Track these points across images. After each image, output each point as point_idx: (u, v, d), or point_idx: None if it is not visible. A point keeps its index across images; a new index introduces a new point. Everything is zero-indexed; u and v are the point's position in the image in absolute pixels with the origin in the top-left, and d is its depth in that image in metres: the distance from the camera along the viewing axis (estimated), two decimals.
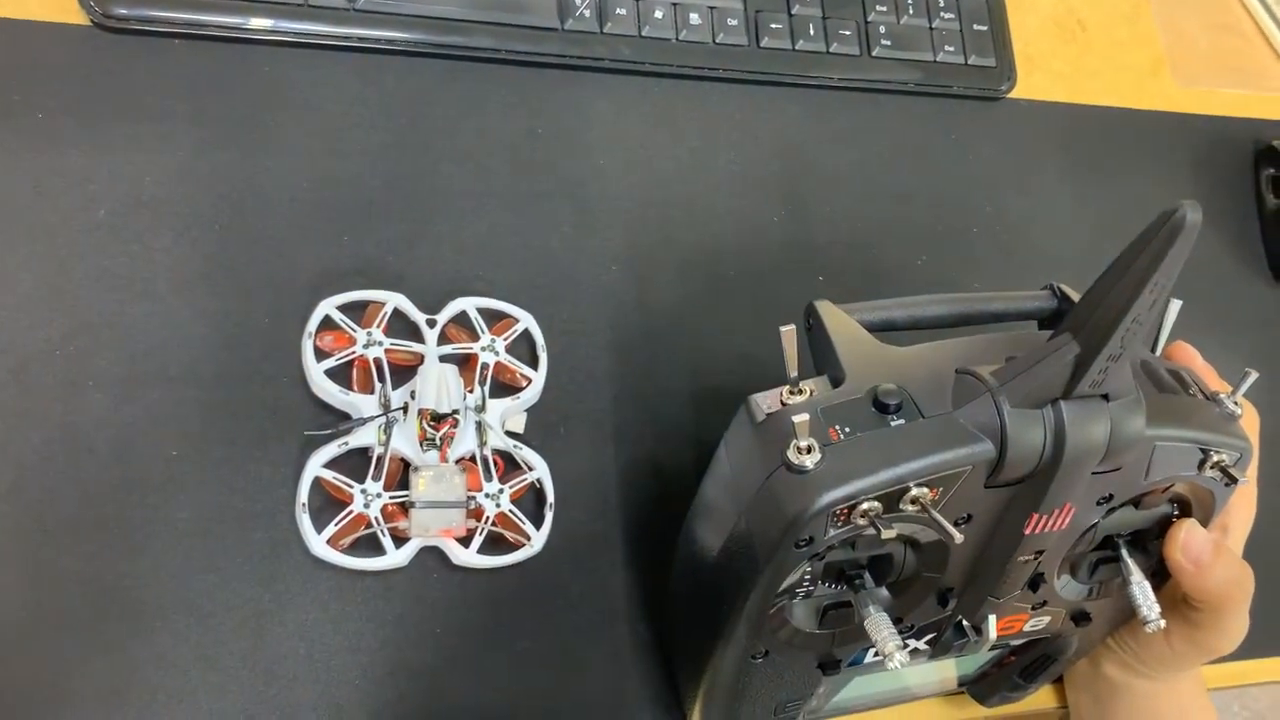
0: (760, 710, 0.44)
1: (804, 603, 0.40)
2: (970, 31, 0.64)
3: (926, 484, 0.35)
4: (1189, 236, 0.31)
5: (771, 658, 0.40)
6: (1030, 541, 0.38)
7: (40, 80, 0.49)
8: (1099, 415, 0.35)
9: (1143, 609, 0.41)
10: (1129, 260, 0.32)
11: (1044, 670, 0.48)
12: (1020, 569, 0.40)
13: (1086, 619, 0.45)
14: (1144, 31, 0.71)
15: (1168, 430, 0.38)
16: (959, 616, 0.42)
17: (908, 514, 0.35)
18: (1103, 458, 0.36)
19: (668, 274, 0.55)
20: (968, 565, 0.39)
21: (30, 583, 0.43)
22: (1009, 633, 0.44)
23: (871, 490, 0.34)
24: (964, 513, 0.37)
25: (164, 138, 0.50)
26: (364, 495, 0.46)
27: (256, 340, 0.48)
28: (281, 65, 0.53)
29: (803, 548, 0.35)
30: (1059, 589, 0.43)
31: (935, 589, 0.40)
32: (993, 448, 0.35)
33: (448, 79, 0.55)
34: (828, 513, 0.34)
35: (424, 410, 0.46)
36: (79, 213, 0.48)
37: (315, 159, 0.52)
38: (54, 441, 0.45)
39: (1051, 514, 0.37)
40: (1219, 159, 0.69)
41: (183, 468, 0.46)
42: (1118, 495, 0.39)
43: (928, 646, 0.43)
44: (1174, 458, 0.39)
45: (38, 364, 0.46)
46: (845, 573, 0.39)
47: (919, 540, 0.38)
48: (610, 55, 0.57)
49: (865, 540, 0.37)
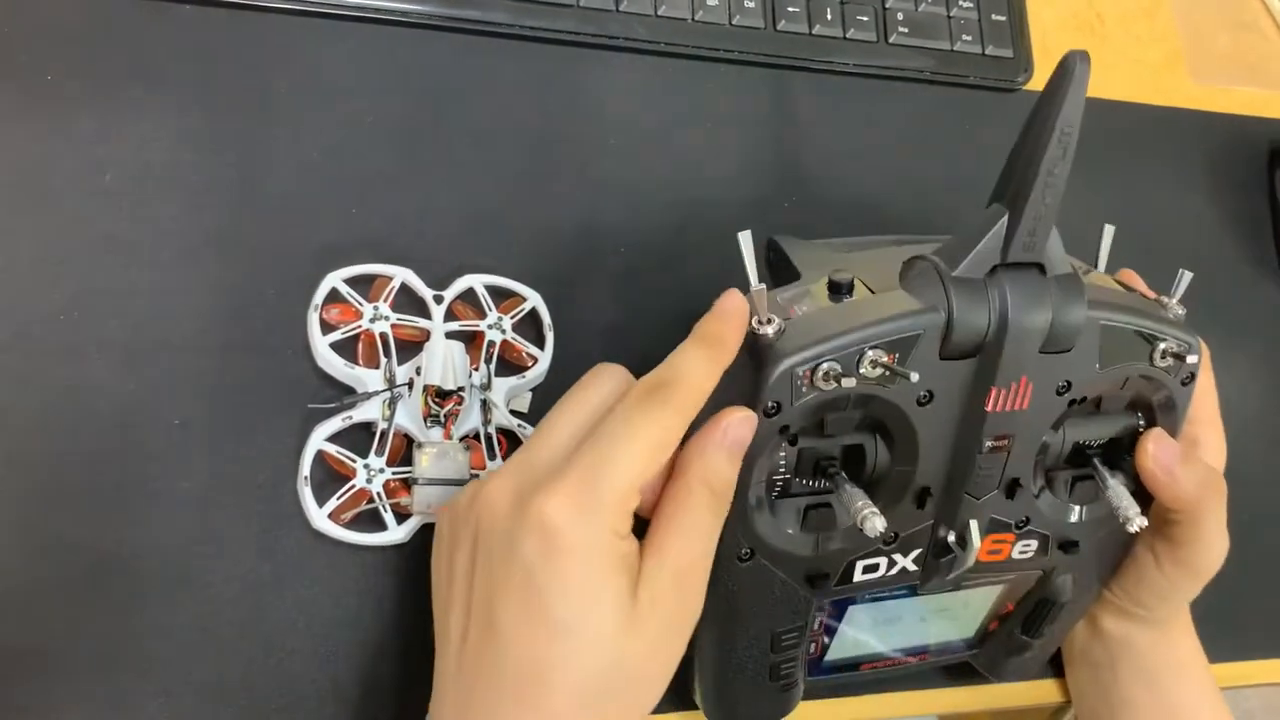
0: (755, 644, 0.44)
1: (785, 503, 0.41)
2: (989, 21, 0.63)
3: (882, 348, 0.37)
4: (1080, 81, 0.34)
5: (758, 562, 0.40)
6: (995, 421, 0.39)
7: (48, 42, 0.49)
8: (1038, 284, 0.38)
9: (1123, 509, 0.42)
10: (1033, 119, 0.36)
11: (1045, 620, 0.48)
12: (991, 461, 0.41)
13: (1075, 547, 0.45)
14: (1162, 27, 0.71)
15: (1111, 314, 0.40)
16: (943, 530, 0.42)
17: (868, 377, 0.37)
18: (1049, 332, 0.38)
19: (677, 257, 0.55)
20: (941, 461, 0.40)
21: (28, 549, 0.43)
22: (998, 558, 0.44)
23: (831, 353, 0.36)
24: (925, 389, 0.38)
25: (173, 104, 0.49)
26: (366, 470, 0.45)
27: (262, 311, 0.48)
28: (293, 35, 0.52)
29: (773, 415, 0.37)
30: (1041, 507, 0.43)
31: (912, 487, 0.41)
32: (941, 314, 0.37)
33: (461, 53, 0.55)
34: (791, 376, 0.36)
35: (429, 386, 0.46)
36: (85, 178, 0.47)
37: (325, 130, 0.51)
38: (55, 407, 0.45)
39: (1010, 387, 0.39)
40: (1234, 157, 0.69)
41: (184, 437, 0.45)
42: (1075, 384, 0.40)
43: (916, 566, 0.43)
44: (1123, 346, 0.41)
45: (40, 329, 0.45)
46: (820, 464, 0.40)
47: (888, 428, 0.40)
48: (625, 33, 0.56)
49: (834, 422, 0.39)
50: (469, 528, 0.36)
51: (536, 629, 0.33)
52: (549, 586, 0.33)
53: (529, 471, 0.35)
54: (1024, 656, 0.51)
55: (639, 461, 0.34)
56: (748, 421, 0.36)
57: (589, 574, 0.33)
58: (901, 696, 0.53)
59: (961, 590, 0.47)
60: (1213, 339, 0.47)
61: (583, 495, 0.33)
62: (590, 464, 0.34)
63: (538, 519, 0.33)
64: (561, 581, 0.33)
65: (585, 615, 0.33)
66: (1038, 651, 0.51)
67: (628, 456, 0.34)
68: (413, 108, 0.53)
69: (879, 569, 0.43)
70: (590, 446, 0.35)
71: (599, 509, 0.33)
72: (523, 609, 0.33)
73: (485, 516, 0.35)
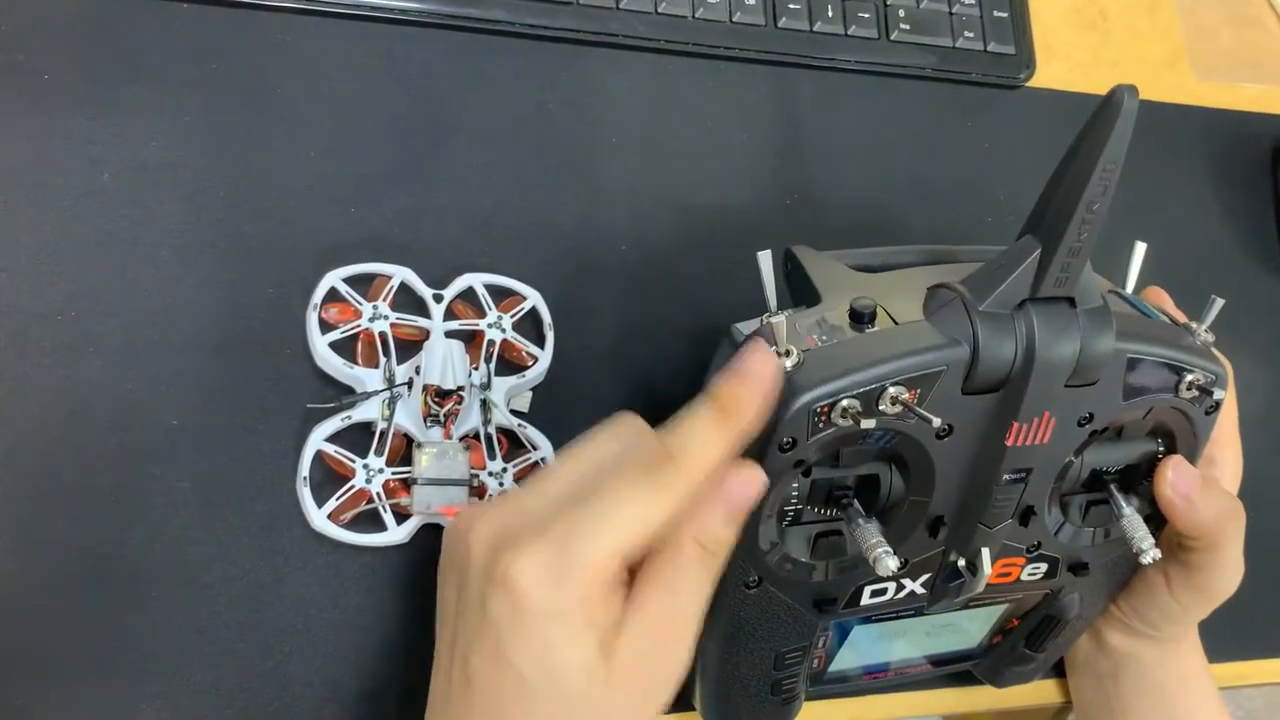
0: (758, 663, 0.43)
1: (795, 530, 0.40)
2: (990, 18, 0.63)
3: (903, 384, 0.35)
4: (1128, 118, 0.32)
5: (765, 588, 0.40)
6: (1014, 455, 0.38)
7: (46, 40, 0.48)
8: (1067, 317, 0.36)
9: (1137, 540, 0.41)
10: (1075, 152, 0.34)
11: (1050, 635, 0.48)
12: (1008, 492, 0.39)
13: (1084, 569, 0.44)
14: (1165, 23, 0.70)
15: (1139, 345, 0.39)
16: (953, 555, 0.42)
17: (887, 413, 0.36)
18: (1075, 366, 0.37)
19: (678, 255, 0.55)
20: (956, 491, 0.39)
21: (25, 549, 0.43)
22: (1006, 580, 0.43)
23: (850, 389, 0.35)
24: (945, 423, 0.37)
25: (170, 102, 0.49)
26: (366, 470, 0.45)
27: (260, 310, 0.48)
28: (291, 32, 0.52)
29: (787, 451, 0.36)
30: (1053, 531, 0.43)
31: (925, 517, 0.40)
32: (966, 348, 0.36)
33: (460, 51, 0.54)
34: (809, 412, 0.35)
35: (429, 386, 0.45)
36: (82, 176, 0.47)
37: (323, 128, 0.51)
38: (53, 407, 0.44)
39: (1031, 423, 0.38)
40: (1237, 154, 0.68)
41: (183, 437, 0.45)
42: (1098, 415, 0.39)
43: (924, 590, 0.43)
44: (1149, 377, 0.39)
45: (38, 328, 0.45)
46: (833, 494, 0.39)
47: (904, 459, 0.38)
48: (625, 31, 0.56)
49: (850, 454, 0.38)
50: (455, 564, 0.35)
51: (504, 684, 0.33)
52: (515, 646, 0.32)
53: (514, 518, 0.34)
54: (1026, 668, 0.50)
55: (620, 536, 0.33)
56: (753, 483, 0.35)
57: (554, 639, 0.32)
58: (903, 697, 0.52)
59: (967, 609, 0.47)
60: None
61: (555, 562, 0.32)
62: (568, 531, 0.33)
63: (507, 579, 0.32)
64: (527, 643, 0.32)
65: (551, 676, 0.32)
66: (1039, 664, 0.51)
67: (609, 530, 0.33)
68: (412, 106, 0.53)
69: (887, 593, 0.42)
70: (575, 510, 0.33)
71: (569, 579, 0.32)
72: (493, 664, 0.33)
73: (468, 561, 0.34)
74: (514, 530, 0.33)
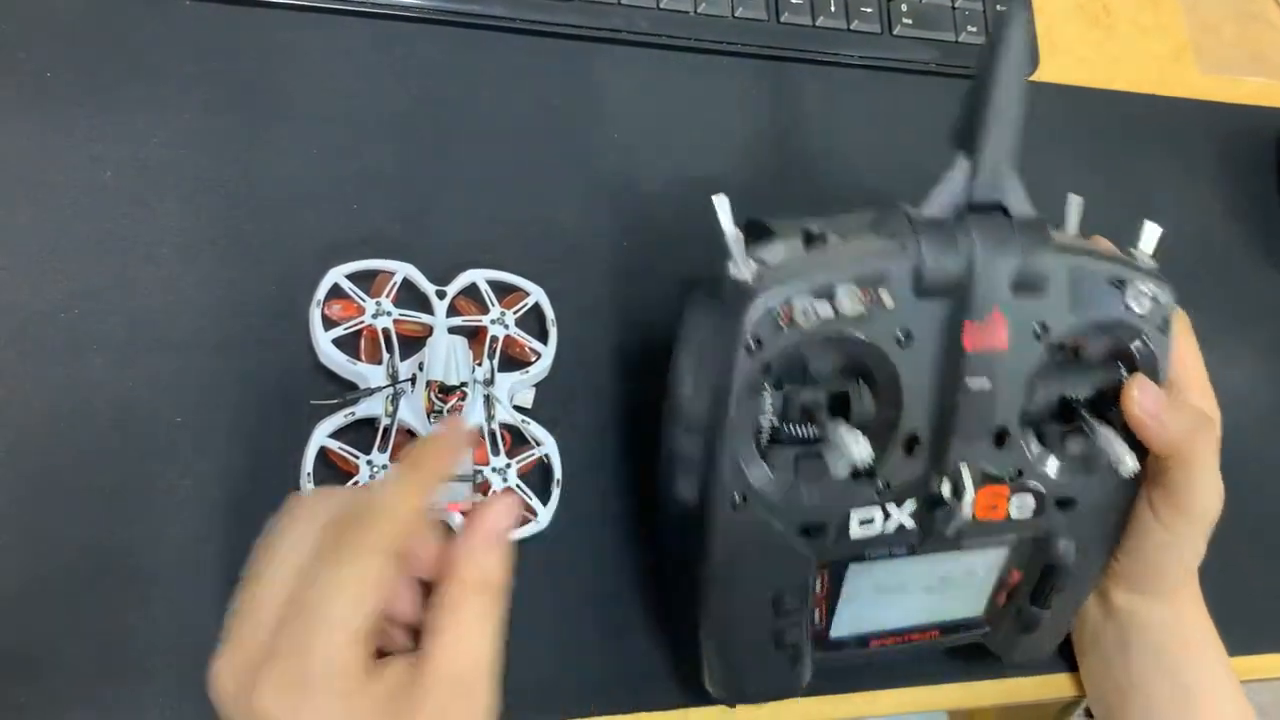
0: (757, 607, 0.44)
1: (776, 450, 0.42)
2: (994, 12, 0.63)
3: (855, 284, 0.39)
4: (1019, 22, 0.37)
5: (751, 510, 0.41)
6: (974, 362, 0.41)
7: (47, 38, 0.48)
8: (1003, 223, 0.40)
9: (1113, 451, 0.43)
10: (982, 65, 0.38)
11: (1052, 588, 0.48)
12: (975, 403, 0.41)
13: (1071, 504, 0.45)
14: (1169, 18, 0.70)
15: (1080, 258, 0.42)
16: (936, 483, 0.43)
17: (844, 313, 0.39)
18: (1018, 270, 0.40)
19: (681, 251, 0.54)
20: (926, 406, 0.41)
21: (27, 547, 0.43)
22: (995, 516, 0.44)
23: (806, 289, 0.38)
24: (902, 328, 0.40)
25: (172, 100, 0.49)
26: (370, 467, 0.45)
27: (262, 307, 0.47)
28: (293, 30, 0.52)
29: (754, 353, 0.39)
30: (1032, 459, 0.44)
31: (899, 435, 0.41)
32: (911, 250, 0.39)
33: (461, 47, 0.54)
34: (770, 313, 0.38)
35: (432, 382, 0.45)
36: (84, 174, 0.47)
37: (325, 126, 0.51)
38: (55, 405, 0.44)
39: (985, 322, 0.40)
40: (1241, 148, 0.68)
41: (185, 435, 0.45)
42: (1051, 327, 0.41)
43: (914, 524, 0.44)
44: (1095, 288, 0.42)
45: (39, 326, 0.45)
46: (806, 410, 0.42)
47: (871, 373, 0.41)
48: (627, 26, 0.56)
49: (819, 367, 0.41)
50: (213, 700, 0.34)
51: None
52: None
53: (243, 653, 0.33)
54: (1034, 635, 0.50)
55: (348, 618, 0.32)
56: (508, 509, 0.36)
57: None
58: (911, 691, 0.52)
59: (963, 555, 0.47)
60: (1219, 328, 0.47)
61: (297, 677, 0.32)
62: (296, 643, 0.32)
63: (267, 714, 0.32)
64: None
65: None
66: (1048, 629, 0.50)
67: (333, 620, 0.32)
68: (413, 102, 0.53)
69: (875, 522, 0.43)
70: (293, 621, 0.33)
71: (318, 684, 0.32)
72: None
73: (221, 701, 0.34)
74: (249, 664, 0.33)
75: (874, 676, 0.51)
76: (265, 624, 0.33)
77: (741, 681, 0.46)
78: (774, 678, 0.46)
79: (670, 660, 0.49)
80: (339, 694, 0.32)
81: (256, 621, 0.33)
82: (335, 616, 0.32)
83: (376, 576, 0.33)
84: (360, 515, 0.34)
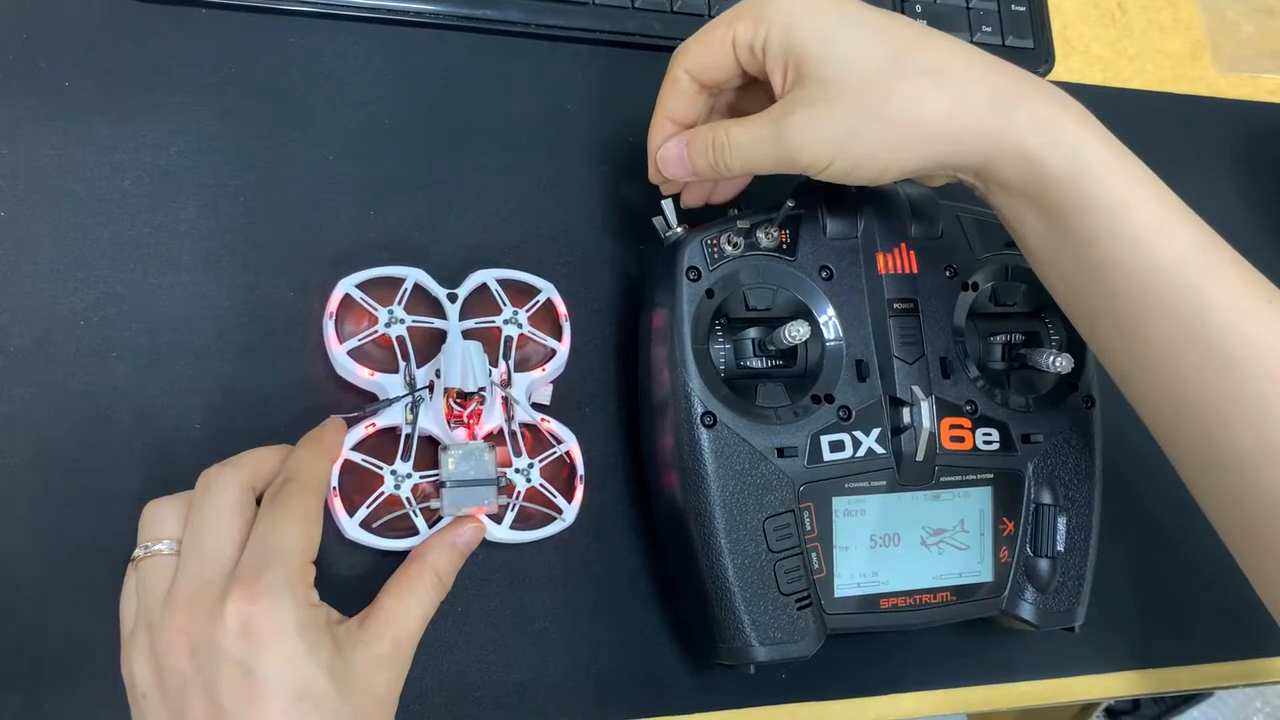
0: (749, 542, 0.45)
1: (740, 380, 0.48)
2: (1009, 12, 0.62)
3: (773, 225, 0.48)
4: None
5: (723, 427, 0.45)
6: (892, 284, 0.49)
7: (66, 48, 0.49)
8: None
9: (1046, 356, 0.49)
10: None
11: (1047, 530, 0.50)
12: (905, 325, 0.48)
13: (1037, 439, 0.50)
14: (1185, 15, 0.70)
15: (964, 204, 0.50)
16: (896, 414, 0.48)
17: (766, 245, 0.48)
18: (910, 210, 0.50)
19: None
20: (865, 333, 0.48)
21: (49, 552, 0.43)
22: (962, 447, 0.49)
23: (728, 229, 0.48)
24: (822, 266, 0.48)
25: (190, 108, 0.49)
26: (394, 476, 0.45)
27: (281, 314, 0.48)
28: (309, 37, 0.52)
29: (695, 281, 0.47)
30: (981, 388, 0.50)
31: (846, 361, 0.48)
32: (815, 200, 0.49)
33: (476, 53, 0.54)
34: (702, 244, 0.47)
35: (450, 389, 0.45)
36: (103, 182, 0.47)
37: (341, 132, 0.51)
38: (76, 412, 0.45)
39: (892, 252, 0.49)
40: (1259, 146, 0.68)
41: (206, 442, 0.45)
42: (960, 268, 0.50)
43: (883, 449, 0.48)
44: (995, 237, 0.51)
45: (61, 334, 0.45)
46: (759, 344, 0.48)
47: (810, 309, 0.48)
48: (641, 30, 0.56)
49: (755, 295, 0.47)
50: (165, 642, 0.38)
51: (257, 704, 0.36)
52: (267, 671, 0.36)
53: (207, 583, 0.38)
54: (1048, 594, 0.50)
55: (300, 539, 0.39)
56: (476, 531, 0.44)
57: (297, 647, 0.37)
58: (929, 695, 0.52)
59: (946, 497, 0.49)
60: None
61: (265, 583, 0.37)
62: (260, 557, 0.38)
63: (235, 617, 0.36)
64: (276, 662, 0.37)
65: (306, 684, 0.37)
66: (1066, 583, 0.50)
67: (289, 538, 0.39)
68: (429, 108, 0.53)
69: (845, 447, 0.47)
70: (254, 545, 0.39)
71: (283, 588, 0.38)
72: (243, 689, 0.36)
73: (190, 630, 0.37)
74: (217, 585, 0.38)
75: (893, 678, 0.52)
76: (226, 558, 0.39)
77: (751, 635, 0.45)
78: (785, 623, 0.45)
79: (684, 664, 0.49)
80: (299, 601, 0.38)
81: (218, 556, 0.39)
82: (289, 542, 0.39)
83: (316, 510, 0.41)
84: (292, 471, 0.41)
